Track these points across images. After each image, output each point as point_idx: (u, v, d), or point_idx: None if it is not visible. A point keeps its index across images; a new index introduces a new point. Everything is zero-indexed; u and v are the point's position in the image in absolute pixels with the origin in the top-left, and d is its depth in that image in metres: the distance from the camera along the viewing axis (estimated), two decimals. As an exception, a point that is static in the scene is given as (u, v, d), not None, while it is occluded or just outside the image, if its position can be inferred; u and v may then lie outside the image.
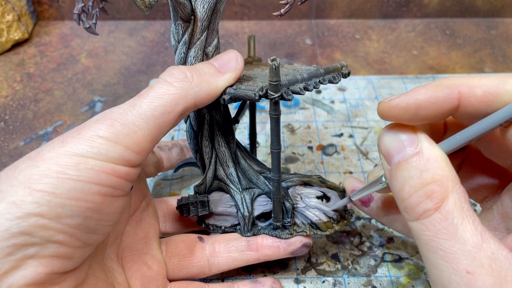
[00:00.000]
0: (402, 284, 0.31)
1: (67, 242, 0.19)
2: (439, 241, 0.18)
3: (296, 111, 0.47)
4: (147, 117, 0.22)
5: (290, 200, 0.29)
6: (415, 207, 0.19)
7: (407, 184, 0.20)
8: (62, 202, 0.19)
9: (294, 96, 0.24)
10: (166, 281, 0.29)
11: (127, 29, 0.60)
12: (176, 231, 0.32)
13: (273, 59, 0.22)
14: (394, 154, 0.20)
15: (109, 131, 0.20)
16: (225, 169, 0.29)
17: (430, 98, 0.20)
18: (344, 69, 0.27)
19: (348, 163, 0.41)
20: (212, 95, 0.24)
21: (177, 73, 0.24)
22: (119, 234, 0.28)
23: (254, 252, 0.29)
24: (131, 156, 0.21)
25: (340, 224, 0.30)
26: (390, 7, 0.61)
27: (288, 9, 0.26)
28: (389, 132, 0.21)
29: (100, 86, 0.50)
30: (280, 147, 0.26)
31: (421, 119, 0.21)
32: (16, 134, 0.44)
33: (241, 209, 0.29)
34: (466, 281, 0.17)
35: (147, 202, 0.30)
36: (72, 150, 0.20)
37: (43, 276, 0.19)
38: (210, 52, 0.27)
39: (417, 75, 0.52)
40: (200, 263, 0.29)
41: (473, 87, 0.20)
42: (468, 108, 0.20)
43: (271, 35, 0.59)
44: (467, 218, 0.18)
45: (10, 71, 0.52)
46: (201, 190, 0.30)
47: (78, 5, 0.22)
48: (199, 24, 0.25)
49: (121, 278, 0.26)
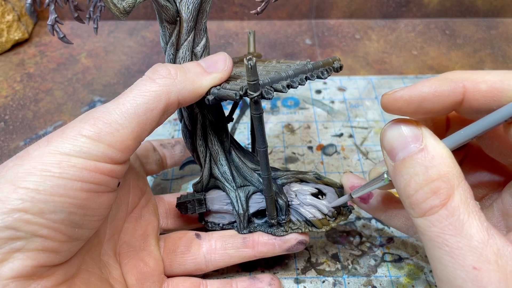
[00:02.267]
0: (402, 284, 0.31)
1: (52, 236, 0.20)
2: (445, 237, 0.18)
3: (296, 111, 0.47)
4: (129, 115, 0.22)
5: (284, 197, 0.28)
6: (421, 203, 0.19)
7: (412, 181, 0.19)
8: (45, 198, 0.19)
9: (274, 95, 0.23)
10: (163, 277, 0.29)
11: (127, 29, 0.60)
12: (177, 227, 0.32)
13: (249, 59, 0.21)
14: (398, 151, 0.20)
15: (92, 130, 0.21)
16: (219, 168, 0.29)
17: (435, 91, 0.20)
18: (336, 63, 0.27)
19: (348, 163, 0.41)
20: (195, 94, 0.24)
21: (161, 70, 0.24)
22: (116, 230, 0.28)
23: (250, 249, 0.29)
24: (114, 154, 0.22)
25: (336, 221, 0.29)
26: (390, 7, 0.61)
27: (264, 6, 0.26)
28: (393, 128, 0.21)
29: (100, 86, 0.50)
30: (266, 145, 0.25)
31: (425, 112, 0.21)
32: (16, 134, 0.44)
33: (236, 206, 0.29)
34: (472, 277, 0.17)
35: (146, 199, 0.31)
36: (56, 149, 0.20)
37: (30, 268, 0.20)
38: (199, 52, 0.27)
39: (417, 75, 0.52)
40: (197, 259, 0.29)
41: (478, 82, 0.20)
42: (472, 102, 0.20)
43: (271, 35, 0.59)
44: (473, 214, 0.18)
45: (10, 71, 0.52)
46: (199, 188, 0.30)
47: (52, 16, 0.23)
48: (184, 25, 0.25)
49: (116, 273, 0.27)
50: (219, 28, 0.61)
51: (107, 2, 0.22)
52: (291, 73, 0.24)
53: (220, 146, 0.29)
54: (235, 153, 0.30)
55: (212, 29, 0.60)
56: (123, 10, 0.23)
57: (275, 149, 0.42)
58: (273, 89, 0.23)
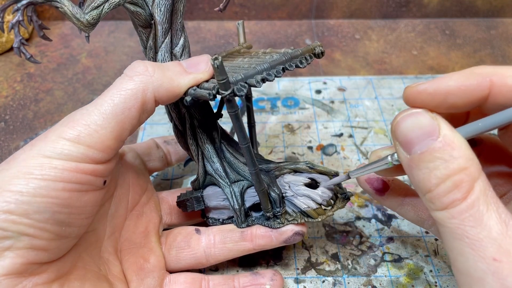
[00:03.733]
0: (402, 284, 0.31)
1: (38, 235, 0.21)
2: (465, 229, 0.18)
3: (296, 111, 0.47)
4: (107, 115, 0.23)
5: (277, 190, 0.28)
6: (442, 197, 0.19)
7: (432, 175, 0.19)
8: (28, 199, 0.20)
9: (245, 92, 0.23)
10: (164, 273, 0.29)
11: (127, 29, 0.60)
12: (182, 223, 0.33)
13: (215, 58, 0.21)
14: (415, 144, 0.20)
15: (72, 133, 0.22)
16: (211, 165, 0.29)
17: (461, 85, 0.20)
18: (317, 48, 0.26)
19: (348, 163, 0.41)
20: (173, 93, 0.24)
21: (138, 66, 0.24)
22: (117, 228, 0.29)
23: (249, 242, 0.29)
24: (95, 155, 0.22)
25: (333, 209, 0.29)
26: (390, 7, 0.61)
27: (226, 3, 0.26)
28: (408, 118, 0.20)
29: (100, 86, 0.50)
30: (248, 141, 0.25)
31: (448, 107, 0.20)
32: (17, 134, 0.44)
33: (232, 202, 0.29)
34: (493, 269, 0.17)
35: (148, 196, 0.31)
36: (39, 152, 0.21)
37: (20, 266, 0.21)
38: (178, 52, 0.26)
39: (417, 75, 0.52)
40: (197, 254, 0.30)
41: (506, 76, 0.19)
42: (498, 97, 0.20)
43: (271, 35, 0.59)
44: (491, 205, 0.18)
45: (11, 71, 0.52)
46: (196, 185, 0.31)
47: (17, 39, 0.23)
48: (159, 27, 0.25)
49: (116, 270, 0.27)
50: (219, 28, 0.61)
51: (70, 17, 0.22)
52: (266, 66, 0.24)
53: (210, 144, 0.29)
54: (226, 149, 0.30)
55: (212, 29, 0.60)
56: (87, 23, 0.23)
57: (275, 149, 0.42)
58: (247, 85, 0.23)
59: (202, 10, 0.61)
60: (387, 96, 0.48)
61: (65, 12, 0.22)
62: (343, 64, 0.54)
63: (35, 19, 0.23)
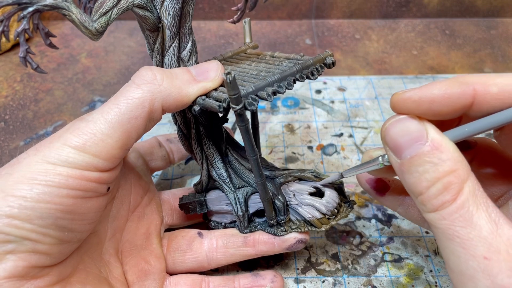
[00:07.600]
0: (402, 284, 0.31)
1: (41, 240, 0.21)
2: (456, 229, 0.18)
3: (296, 111, 0.47)
4: (113, 124, 0.22)
5: (282, 198, 0.28)
6: (432, 200, 0.19)
7: (422, 178, 0.19)
8: (31, 205, 0.20)
9: (256, 106, 0.22)
10: (165, 275, 0.29)
11: (127, 29, 0.60)
12: (183, 223, 0.33)
13: (228, 73, 0.20)
14: (404, 148, 0.20)
15: (77, 141, 0.22)
16: (216, 170, 0.29)
17: (445, 93, 0.20)
18: (328, 58, 0.26)
19: (348, 163, 0.41)
20: (181, 102, 0.24)
21: (146, 74, 0.23)
22: (118, 229, 0.29)
23: (251, 247, 0.29)
24: (100, 163, 0.22)
25: (337, 219, 0.29)
26: (390, 7, 0.61)
27: (240, 16, 0.25)
28: (396, 124, 0.21)
29: (100, 86, 0.50)
30: (256, 153, 0.25)
31: (434, 114, 0.21)
32: (16, 134, 0.44)
33: (235, 208, 0.29)
34: (483, 267, 0.18)
35: (149, 198, 0.31)
36: (43, 158, 0.21)
37: (22, 269, 0.21)
38: (185, 56, 0.26)
39: (417, 75, 0.52)
40: (199, 258, 0.30)
41: (489, 84, 0.20)
42: (482, 105, 0.20)
43: (271, 35, 0.59)
44: (481, 205, 0.18)
45: (11, 71, 0.52)
46: (199, 189, 0.31)
47: (23, 48, 0.22)
48: (167, 31, 0.24)
49: (117, 272, 0.27)
50: (219, 28, 0.61)
51: (78, 26, 0.22)
52: (277, 77, 0.24)
53: (215, 149, 0.29)
54: (232, 155, 0.30)
55: (212, 29, 0.60)
56: (95, 32, 0.22)
57: (275, 149, 0.42)
58: (258, 98, 0.23)
59: (202, 10, 0.61)
60: (387, 96, 0.48)
61: (73, 20, 0.21)
62: (343, 64, 0.54)
63: (42, 27, 0.22)
